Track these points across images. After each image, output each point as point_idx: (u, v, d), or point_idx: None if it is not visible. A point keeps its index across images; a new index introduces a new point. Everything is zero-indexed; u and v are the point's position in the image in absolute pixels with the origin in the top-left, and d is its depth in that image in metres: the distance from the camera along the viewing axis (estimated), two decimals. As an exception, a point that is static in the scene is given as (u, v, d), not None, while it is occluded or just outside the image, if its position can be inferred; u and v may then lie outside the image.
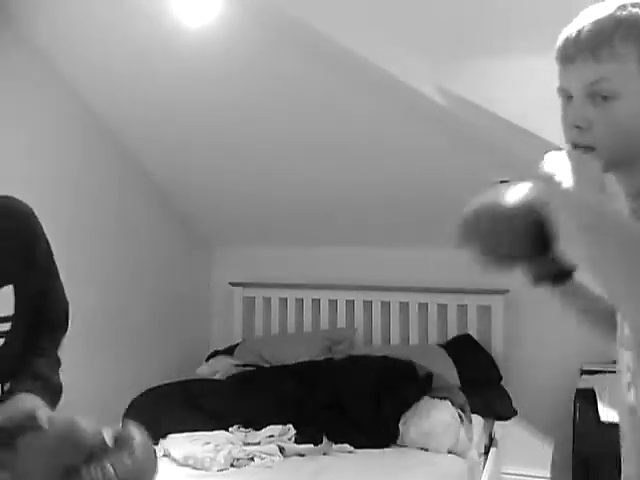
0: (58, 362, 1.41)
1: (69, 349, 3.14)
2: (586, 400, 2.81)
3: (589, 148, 1.01)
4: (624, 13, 0.98)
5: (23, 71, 2.86)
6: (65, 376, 3.19)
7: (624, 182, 1.06)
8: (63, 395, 1.32)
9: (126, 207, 3.50)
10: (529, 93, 2.43)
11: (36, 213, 1.34)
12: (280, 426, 2.77)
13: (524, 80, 2.41)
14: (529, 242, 1.09)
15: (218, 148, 3.35)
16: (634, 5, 0.99)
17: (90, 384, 3.18)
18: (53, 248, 1.67)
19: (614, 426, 1.11)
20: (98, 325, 3.28)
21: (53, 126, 3.03)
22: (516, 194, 1.11)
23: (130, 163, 3.52)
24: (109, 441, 1.15)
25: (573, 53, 1.02)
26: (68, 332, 3.14)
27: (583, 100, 1.01)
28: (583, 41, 1.00)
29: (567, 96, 1.05)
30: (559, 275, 1.18)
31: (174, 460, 2.54)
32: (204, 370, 3.54)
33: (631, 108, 0.98)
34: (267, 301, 4.06)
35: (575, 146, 1.03)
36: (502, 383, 3.37)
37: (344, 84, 2.76)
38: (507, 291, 3.52)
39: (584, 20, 1.01)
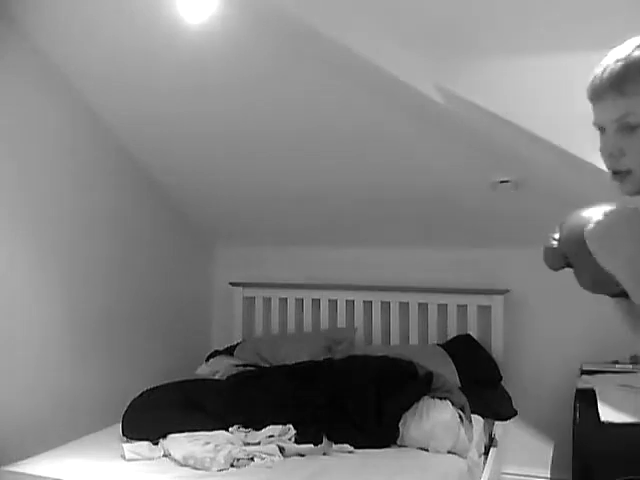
0: None
1: (70, 349, 3.16)
2: (586, 400, 2.81)
3: (627, 172, 1.12)
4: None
5: (22, 69, 2.86)
6: (66, 376, 3.20)
7: None
8: (64, 396, 1.30)
9: (126, 208, 3.50)
10: (528, 93, 2.43)
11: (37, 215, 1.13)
12: (280, 426, 2.77)
13: (523, 80, 2.41)
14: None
15: (218, 149, 3.35)
16: None
17: (90, 384, 3.18)
18: (55, 250, 1.66)
19: (614, 426, 1.12)
20: (98, 325, 3.28)
21: (55, 130, 3.03)
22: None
23: (130, 164, 3.52)
24: None
25: (600, 91, 1.13)
26: (69, 333, 3.16)
27: (614, 132, 1.12)
28: (608, 79, 1.10)
29: (601, 129, 1.16)
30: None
31: (174, 460, 2.53)
32: (204, 370, 3.54)
33: None
34: (267, 301, 4.06)
35: (614, 172, 1.14)
36: (502, 383, 3.37)
37: (345, 85, 2.75)
38: (507, 291, 3.53)
39: (608, 60, 1.12)
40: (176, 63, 2.80)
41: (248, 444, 2.67)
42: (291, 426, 2.78)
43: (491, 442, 3.15)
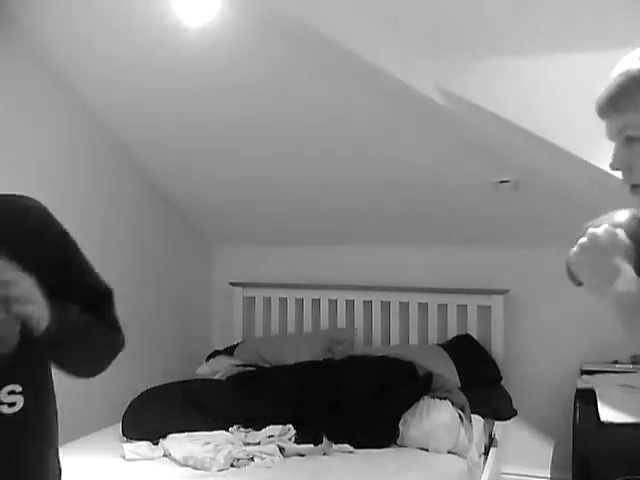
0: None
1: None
2: (586, 400, 2.81)
3: (637, 186, 1.12)
4: (636, 67, 1.10)
5: (22, 69, 2.86)
6: (66, 376, 3.18)
7: None
8: (64, 396, 1.30)
9: (126, 208, 3.50)
10: (527, 93, 2.43)
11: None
12: (280, 426, 2.77)
13: (523, 80, 2.41)
14: None
15: (218, 150, 3.35)
16: None
17: (89, 384, 3.17)
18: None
19: (614, 426, 1.11)
20: (98, 325, 3.28)
21: (55, 130, 3.02)
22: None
23: (130, 163, 3.52)
24: None
25: (602, 110, 1.14)
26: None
27: (620, 147, 1.13)
28: (606, 96, 1.12)
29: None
30: None
31: (174, 460, 2.54)
32: (204, 370, 3.54)
33: None
34: (267, 301, 4.06)
35: (632, 185, 1.14)
36: (502, 383, 3.37)
37: (344, 84, 2.75)
38: (507, 291, 3.53)
39: (612, 74, 1.13)
40: (176, 64, 2.80)
41: (248, 444, 2.68)
42: (291, 426, 2.78)
43: (491, 442, 3.15)
